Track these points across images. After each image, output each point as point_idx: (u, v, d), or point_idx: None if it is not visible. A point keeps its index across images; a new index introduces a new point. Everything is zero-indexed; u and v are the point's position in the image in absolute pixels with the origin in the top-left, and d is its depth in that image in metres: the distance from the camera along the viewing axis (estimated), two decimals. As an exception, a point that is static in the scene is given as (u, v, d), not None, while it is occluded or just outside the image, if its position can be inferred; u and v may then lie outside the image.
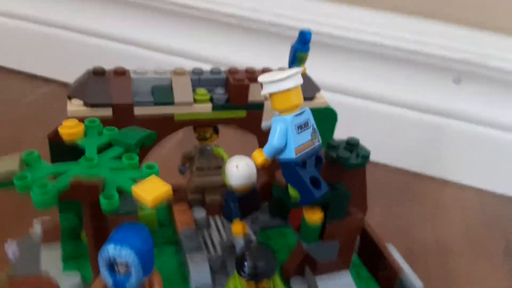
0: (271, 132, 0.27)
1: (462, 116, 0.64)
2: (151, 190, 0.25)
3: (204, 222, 0.43)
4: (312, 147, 0.29)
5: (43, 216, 0.42)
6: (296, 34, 0.44)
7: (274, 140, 0.27)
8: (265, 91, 0.27)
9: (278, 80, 0.26)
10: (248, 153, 0.55)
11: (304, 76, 0.43)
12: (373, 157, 0.69)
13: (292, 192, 0.32)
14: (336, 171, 0.32)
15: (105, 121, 0.34)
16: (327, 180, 0.34)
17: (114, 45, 0.75)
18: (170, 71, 0.39)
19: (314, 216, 0.33)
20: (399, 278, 0.38)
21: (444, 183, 0.66)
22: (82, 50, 0.77)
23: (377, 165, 0.68)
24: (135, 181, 0.27)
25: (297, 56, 0.41)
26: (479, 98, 0.62)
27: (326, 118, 0.44)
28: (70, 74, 0.79)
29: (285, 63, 0.44)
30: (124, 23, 0.75)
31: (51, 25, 0.77)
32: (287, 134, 0.27)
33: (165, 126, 0.38)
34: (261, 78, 0.27)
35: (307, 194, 0.28)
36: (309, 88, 0.43)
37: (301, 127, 0.28)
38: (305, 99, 0.42)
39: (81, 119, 0.33)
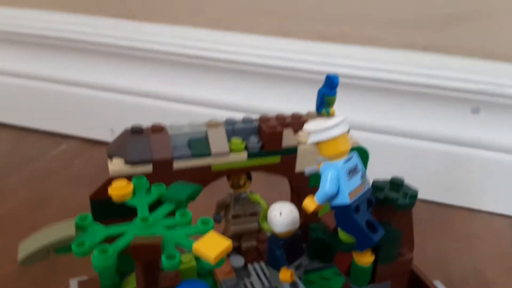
0: (322, 178, 0.28)
1: (483, 144, 0.64)
2: (212, 247, 0.25)
3: (243, 271, 0.43)
4: (363, 190, 0.29)
5: (79, 275, 0.41)
6: (320, 78, 0.45)
7: (327, 186, 0.27)
8: (313, 139, 0.28)
9: (325, 129, 0.27)
10: (278, 196, 0.54)
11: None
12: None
13: (343, 236, 0.32)
14: (385, 212, 0.32)
15: (146, 178, 0.35)
16: (377, 220, 0.34)
17: (128, 99, 0.77)
18: (204, 123, 0.40)
19: (365, 259, 0.33)
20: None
21: (472, 212, 0.66)
22: (96, 105, 0.78)
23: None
24: (191, 238, 0.27)
25: (325, 100, 0.42)
26: (498, 126, 0.63)
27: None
28: (87, 130, 0.81)
29: (311, 106, 0.45)
30: (141, 77, 0.76)
31: (63, 83, 0.79)
32: (339, 180, 0.27)
33: (203, 177, 0.38)
34: (308, 127, 0.28)
35: (365, 239, 0.28)
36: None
37: (352, 172, 0.28)
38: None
39: (122, 177, 0.34)
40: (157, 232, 0.27)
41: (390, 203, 0.32)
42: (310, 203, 0.29)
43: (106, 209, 0.33)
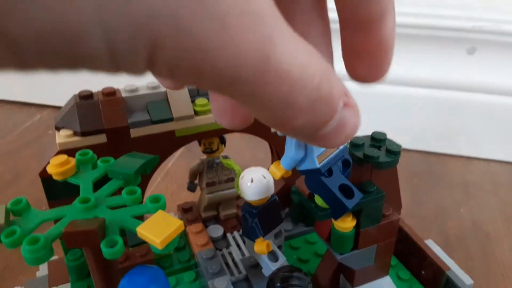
0: (287, 142, 0.24)
1: (480, 87, 0.59)
2: (159, 229, 0.21)
3: (222, 241, 0.40)
4: (336, 151, 0.25)
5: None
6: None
7: (292, 150, 0.23)
8: None
9: None
10: (260, 160, 0.51)
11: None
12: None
13: (319, 201, 0.28)
14: (365, 171, 0.29)
15: (100, 149, 0.31)
16: (356, 181, 0.30)
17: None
18: (163, 83, 0.35)
19: (345, 224, 0.29)
20: (445, 275, 0.35)
21: (469, 161, 0.62)
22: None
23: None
24: (140, 218, 0.23)
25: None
26: (496, 67, 0.58)
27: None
28: (63, 98, 0.76)
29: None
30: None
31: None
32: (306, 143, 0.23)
33: (166, 144, 0.35)
34: None
35: (339, 206, 0.24)
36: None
37: None
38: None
39: (74, 151, 0.30)
40: (100, 214, 0.23)
41: (371, 162, 0.28)
42: (276, 169, 0.25)
43: (58, 188, 0.29)
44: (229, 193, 0.41)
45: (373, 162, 0.28)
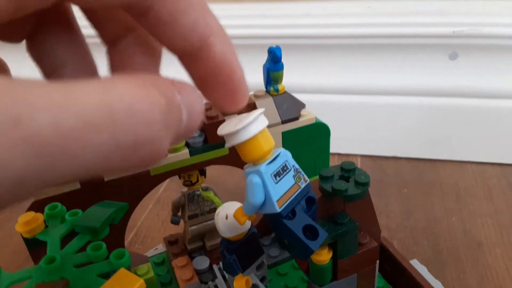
0: (247, 188, 0.24)
1: (465, 92, 0.59)
2: (120, 289, 0.21)
3: (208, 273, 0.40)
4: (298, 191, 0.25)
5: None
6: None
7: (251, 198, 0.23)
8: (229, 144, 0.23)
9: (240, 130, 0.22)
10: (242, 189, 0.50)
11: (285, 95, 0.39)
12: (381, 151, 0.65)
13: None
14: (337, 202, 0.29)
15: (73, 196, 0.31)
16: (328, 213, 0.30)
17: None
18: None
19: (321, 257, 0.29)
20: (431, 297, 0.34)
21: (461, 165, 0.62)
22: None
23: (387, 159, 0.64)
24: (104, 276, 0.23)
25: (271, 76, 0.38)
26: (479, 70, 0.58)
27: (318, 134, 0.40)
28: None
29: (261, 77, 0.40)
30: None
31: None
32: (265, 188, 0.23)
33: (141, 184, 0.35)
34: (220, 131, 0.23)
35: (303, 248, 0.24)
36: (293, 107, 0.39)
37: (279, 174, 0.24)
38: (291, 120, 0.39)
39: (48, 200, 0.30)
40: (65, 274, 0.23)
41: (339, 195, 0.28)
42: (240, 216, 0.25)
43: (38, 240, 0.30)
44: (213, 223, 0.40)
45: (342, 195, 0.28)
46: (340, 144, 0.63)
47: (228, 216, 0.32)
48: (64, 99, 0.11)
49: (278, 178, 0.24)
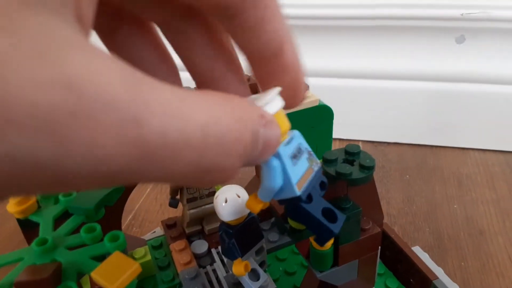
0: (263, 172, 0.22)
1: (470, 77, 0.58)
2: (114, 274, 0.20)
3: (206, 257, 0.39)
4: (313, 174, 0.24)
5: None
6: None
7: (271, 181, 0.22)
8: None
9: None
10: (241, 173, 0.49)
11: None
12: (383, 137, 0.64)
13: (294, 222, 0.27)
14: (341, 187, 0.28)
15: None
16: (331, 197, 0.29)
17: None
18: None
19: (322, 243, 0.28)
20: (432, 285, 0.34)
21: (463, 152, 0.61)
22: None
23: (389, 145, 0.63)
24: (99, 259, 0.22)
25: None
26: (486, 55, 0.56)
27: (321, 117, 0.39)
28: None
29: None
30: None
31: None
32: (284, 171, 0.22)
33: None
34: None
35: (325, 232, 0.23)
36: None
37: (296, 156, 0.23)
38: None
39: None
40: (58, 256, 0.22)
41: (343, 179, 0.27)
42: (254, 204, 0.24)
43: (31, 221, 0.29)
44: (212, 207, 0.40)
45: (345, 179, 0.27)
46: (342, 129, 0.61)
47: (228, 199, 0.31)
48: (177, 110, 0.11)
49: (295, 161, 0.23)
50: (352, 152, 0.28)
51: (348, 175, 0.27)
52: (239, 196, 0.31)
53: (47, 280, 0.20)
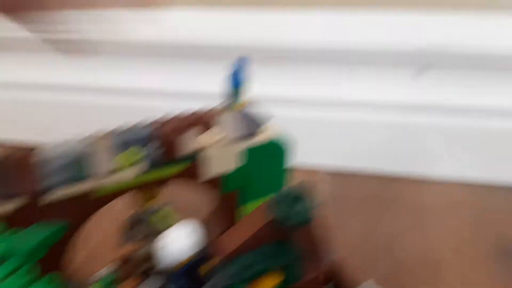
0: None
1: (430, 108, 0.59)
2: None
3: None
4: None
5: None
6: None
7: None
8: None
9: None
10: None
11: (246, 109, 0.39)
12: (341, 167, 0.64)
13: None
14: (282, 229, 0.28)
15: (9, 219, 0.30)
16: (276, 239, 0.29)
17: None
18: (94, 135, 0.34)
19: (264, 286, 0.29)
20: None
21: (424, 182, 0.62)
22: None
23: (346, 175, 0.63)
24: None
25: (234, 90, 0.37)
26: (444, 87, 0.58)
27: (272, 154, 0.39)
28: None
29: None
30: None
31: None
32: None
33: (84, 207, 0.33)
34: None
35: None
36: (252, 124, 0.38)
37: None
38: (246, 137, 0.37)
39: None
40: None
41: (283, 224, 0.27)
42: None
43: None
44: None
45: (286, 224, 0.27)
46: (304, 157, 0.62)
47: (165, 245, 0.30)
48: None
49: None
50: (294, 195, 0.29)
51: (283, 221, 0.27)
52: (177, 241, 0.31)
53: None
